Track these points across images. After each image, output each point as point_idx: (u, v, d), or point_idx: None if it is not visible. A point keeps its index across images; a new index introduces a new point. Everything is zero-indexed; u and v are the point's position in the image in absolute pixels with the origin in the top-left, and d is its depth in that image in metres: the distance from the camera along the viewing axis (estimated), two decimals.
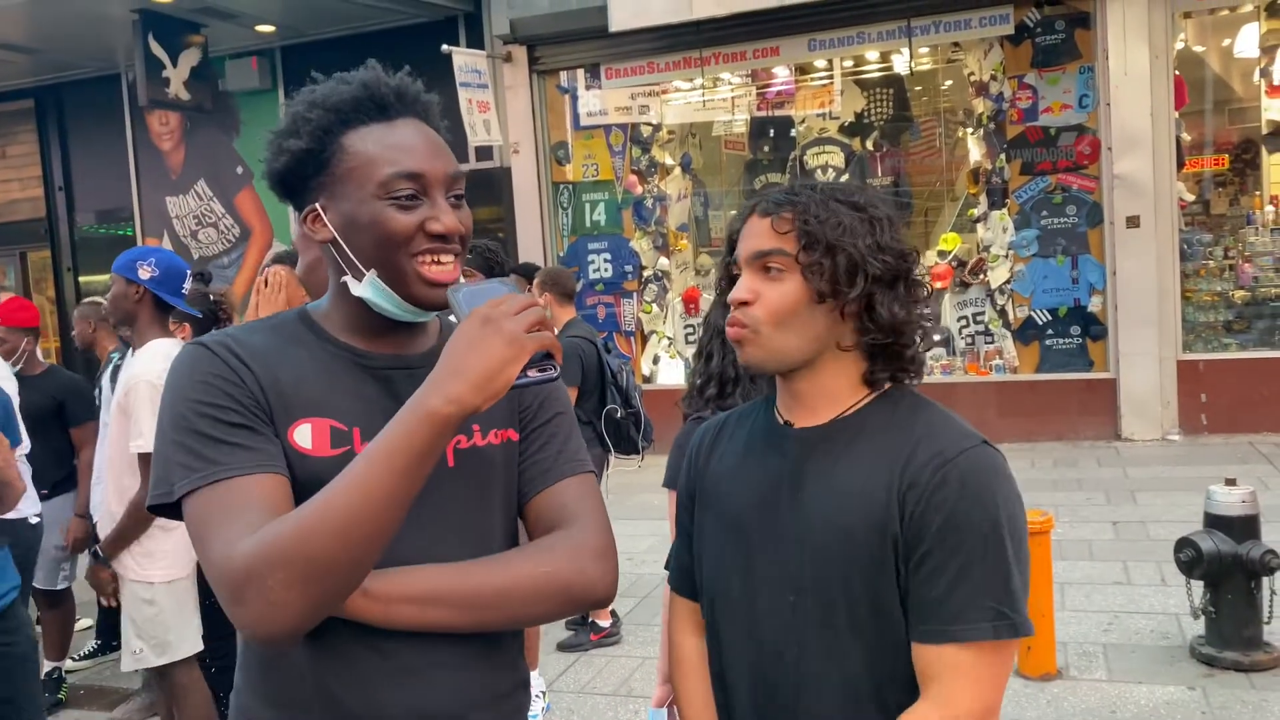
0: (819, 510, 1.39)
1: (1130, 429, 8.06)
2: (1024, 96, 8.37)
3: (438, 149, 1.33)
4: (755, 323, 1.40)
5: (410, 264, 1.29)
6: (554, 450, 1.42)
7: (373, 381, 1.34)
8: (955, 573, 1.31)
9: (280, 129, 1.34)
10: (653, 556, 5.94)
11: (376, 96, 1.32)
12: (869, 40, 8.70)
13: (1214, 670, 4.01)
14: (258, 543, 1.14)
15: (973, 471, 1.34)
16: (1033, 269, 8.42)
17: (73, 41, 10.07)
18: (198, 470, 1.21)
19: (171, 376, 1.29)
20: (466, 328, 1.18)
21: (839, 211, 1.38)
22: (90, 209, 11.74)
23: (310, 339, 1.35)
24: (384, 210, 1.28)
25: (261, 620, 1.13)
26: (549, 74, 9.62)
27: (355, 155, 1.30)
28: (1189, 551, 4.03)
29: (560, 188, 9.75)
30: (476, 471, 1.36)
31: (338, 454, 1.27)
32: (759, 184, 9.61)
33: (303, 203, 1.35)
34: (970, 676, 1.31)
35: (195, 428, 1.23)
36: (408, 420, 1.16)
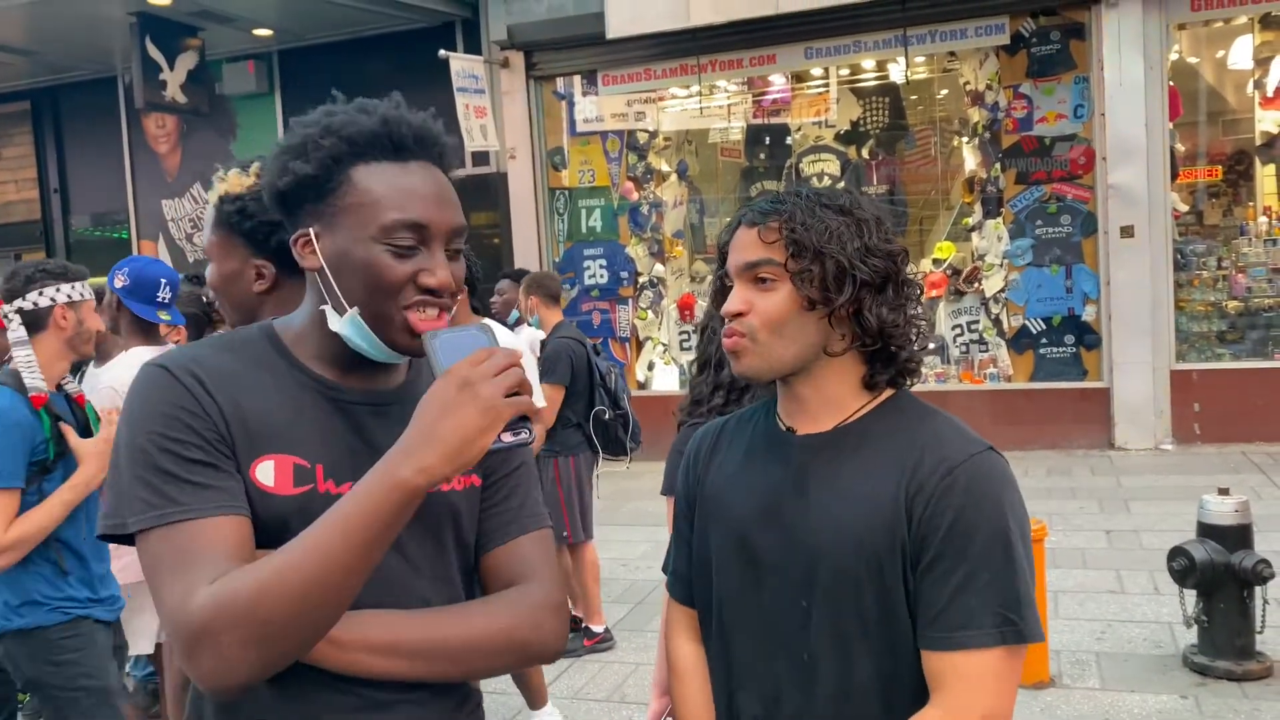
0: (826, 517, 1.39)
1: (1124, 438, 8.08)
2: (1019, 106, 8.40)
3: (446, 199, 1.30)
4: (752, 332, 1.40)
5: (396, 312, 1.26)
6: (516, 503, 1.40)
7: (340, 416, 1.29)
8: (962, 579, 1.31)
9: (287, 145, 1.29)
10: (646, 563, 5.94)
11: (395, 135, 1.28)
12: (865, 49, 8.73)
13: (1206, 679, 4.02)
14: (213, 599, 1.11)
15: (979, 478, 1.35)
16: (1027, 278, 8.45)
17: (70, 44, 10.07)
18: (155, 508, 1.17)
19: (131, 401, 1.23)
20: (442, 390, 1.15)
21: (825, 217, 1.39)
22: (86, 211, 11.73)
23: (279, 364, 1.30)
24: (380, 255, 1.24)
25: (213, 675, 1.12)
26: (546, 80, 9.64)
27: (362, 192, 1.26)
28: (1182, 560, 4.04)
29: (556, 193, 9.77)
30: (440, 517, 1.33)
31: (301, 492, 1.24)
32: (755, 191, 9.63)
33: (294, 223, 1.31)
34: (979, 683, 1.31)
35: (155, 463, 1.18)
36: (375, 489, 1.13)
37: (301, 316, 1.35)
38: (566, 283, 9.72)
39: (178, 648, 1.13)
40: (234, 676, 1.12)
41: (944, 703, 1.32)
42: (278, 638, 1.12)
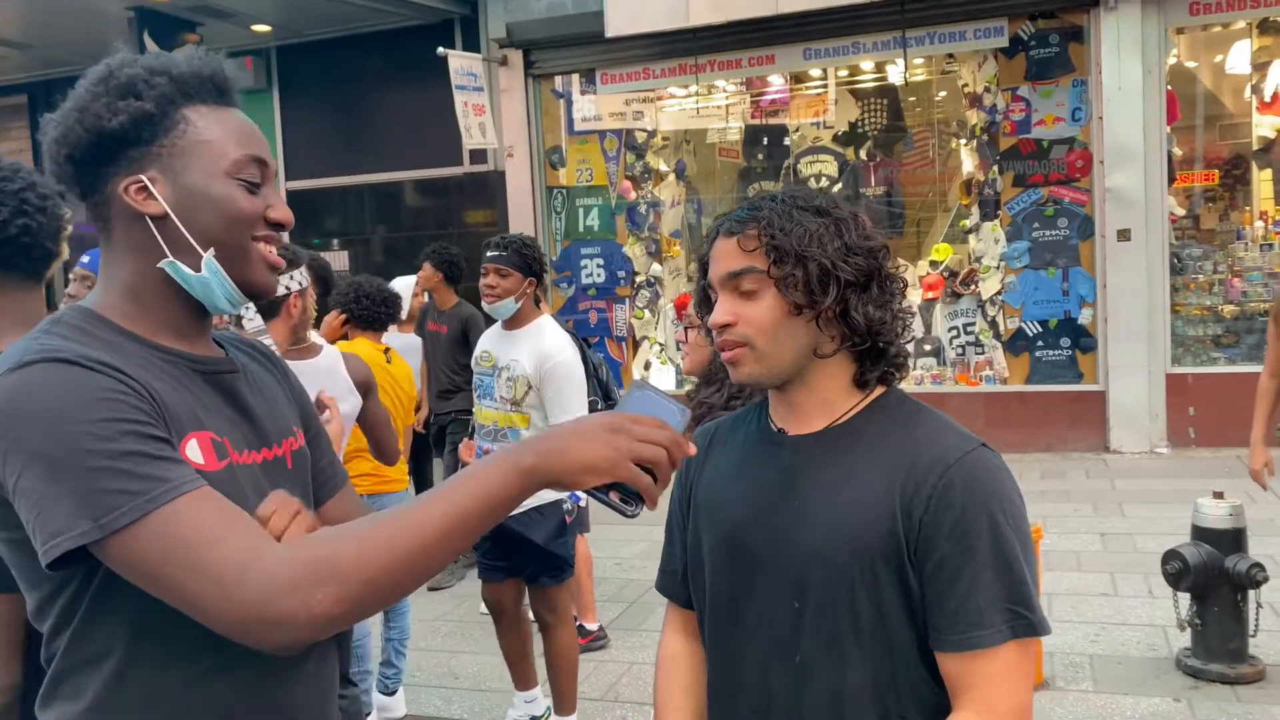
0: (818, 518, 1.39)
1: (1119, 441, 8.10)
2: (1017, 109, 8.41)
3: (267, 142, 1.33)
4: (749, 340, 1.40)
5: (253, 246, 1.26)
6: (332, 456, 1.50)
7: (211, 387, 1.28)
8: (970, 579, 1.32)
9: (107, 88, 1.22)
10: (641, 563, 5.94)
11: (219, 79, 1.28)
12: (864, 50, 8.73)
13: (1199, 682, 4.03)
14: (306, 554, 1.10)
15: (975, 475, 1.35)
16: (1024, 281, 8.46)
17: (67, 37, 10.04)
18: (142, 494, 1.07)
19: (41, 400, 1.09)
20: (597, 419, 1.18)
21: (803, 220, 1.39)
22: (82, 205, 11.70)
23: (132, 346, 1.22)
24: (234, 189, 1.24)
25: (290, 627, 1.08)
26: (544, 78, 9.63)
27: (203, 130, 1.24)
28: (1176, 564, 4.05)
29: (554, 192, 9.76)
30: (305, 470, 1.40)
31: (224, 466, 1.22)
32: (752, 191, 9.63)
33: (107, 173, 1.23)
34: (1002, 680, 1.32)
35: (123, 448, 1.08)
36: (499, 471, 1.15)
37: (122, 290, 1.26)
38: (564, 281, 9.72)
39: (249, 602, 1.07)
40: (314, 633, 1.09)
41: (973, 705, 1.33)
42: (377, 599, 1.12)
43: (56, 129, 1.24)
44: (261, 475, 1.28)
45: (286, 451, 1.35)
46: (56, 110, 1.26)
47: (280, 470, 1.32)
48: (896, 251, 9.24)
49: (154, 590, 1.10)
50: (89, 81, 1.24)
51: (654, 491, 1.16)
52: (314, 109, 10.37)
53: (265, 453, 1.31)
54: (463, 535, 1.14)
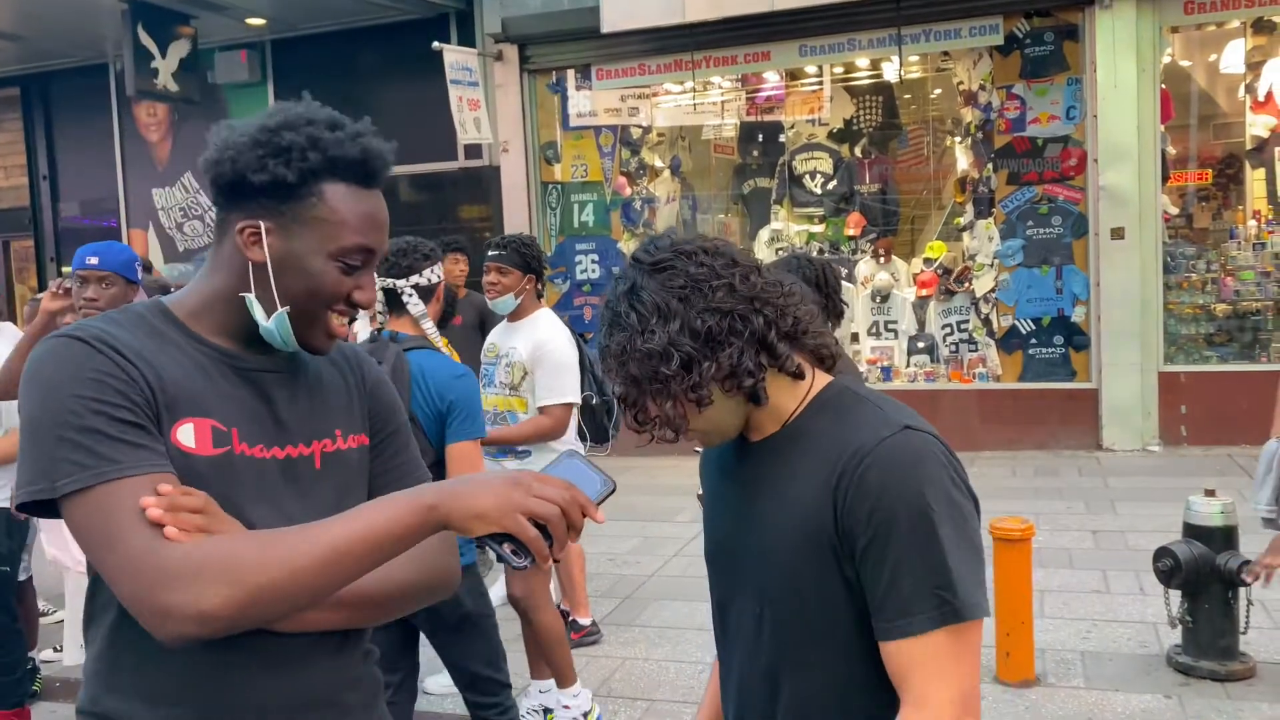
0: (771, 521, 1.42)
1: (1111, 439, 8.12)
2: (1012, 107, 8.42)
3: (387, 226, 1.41)
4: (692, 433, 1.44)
5: (325, 316, 1.38)
6: (409, 456, 1.54)
7: (245, 384, 1.37)
8: (892, 566, 1.31)
9: (267, 142, 1.32)
10: (635, 558, 5.95)
11: (371, 165, 1.36)
12: (859, 47, 8.74)
13: (1190, 679, 4.04)
14: (205, 553, 1.18)
15: (891, 460, 1.33)
16: (1017, 278, 8.47)
17: (61, 29, 10.00)
18: (90, 467, 1.19)
19: (48, 369, 1.25)
20: (504, 473, 1.25)
21: (647, 342, 1.37)
22: (75, 199, 11.67)
23: (179, 338, 1.36)
24: (331, 270, 1.35)
25: (178, 621, 1.16)
26: (540, 73, 9.62)
27: (330, 210, 1.34)
28: (1167, 561, 4.06)
29: (549, 188, 9.76)
30: (342, 474, 1.44)
31: (220, 453, 1.31)
32: (747, 188, 9.66)
33: (236, 208, 1.35)
34: (934, 668, 1.30)
35: (88, 424, 1.21)
36: (402, 502, 1.23)
37: (200, 294, 1.40)
38: (558, 277, 9.71)
39: (145, 588, 1.16)
40: (201, 627, 1.17)
41: (909, 697, 1.31)
42: (267, 605, 1.19)
43: (215, 151, 1.35)
44: (275, 471, 1.36)
45: (317, 452, 1.42)
46: (231, 128, 1.36)
47: (305, 469, 1.40)
48: (891, 249, 9.29)
49: (87, 553, 1.24)
50: (257, 127, 1.34)
51: (539, 546, 1.19)
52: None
53: (290, 450, 1.39)
54: (358, 559, 1.21)
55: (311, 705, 1.38)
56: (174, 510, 1.20)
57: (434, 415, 2.94)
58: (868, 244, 9.30)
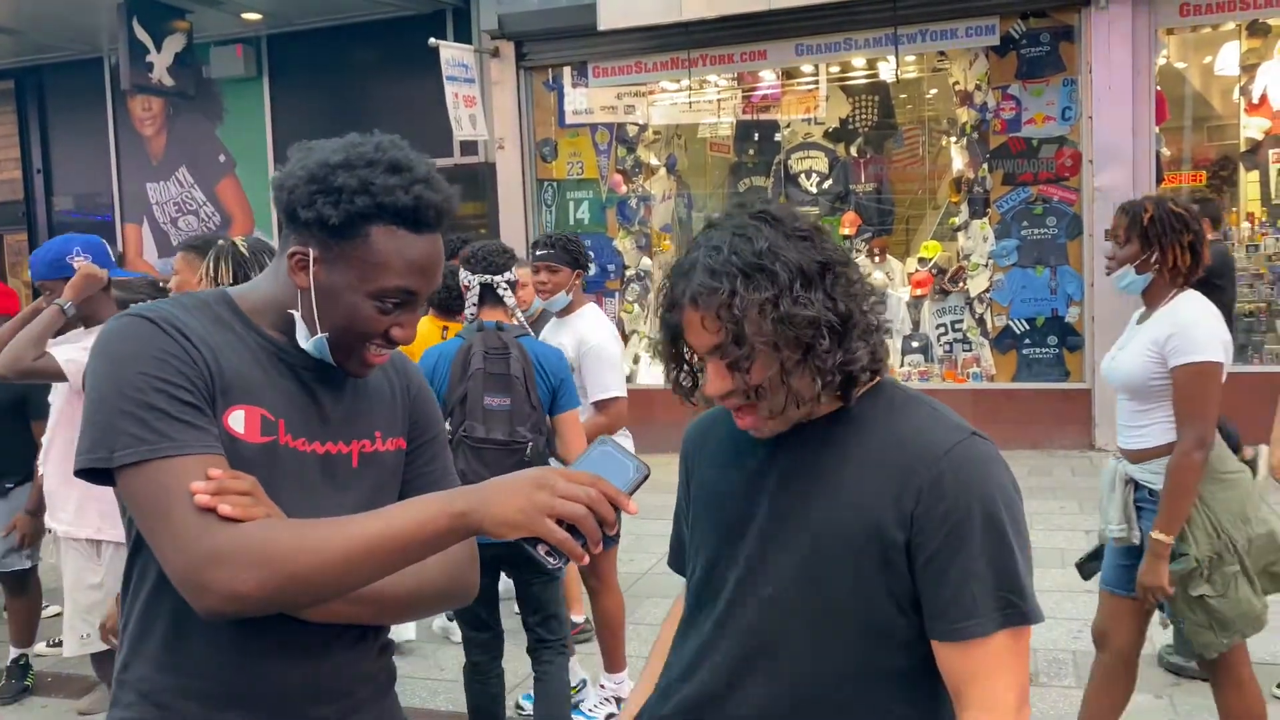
0: (804, 507, 1.40)
1: (1104, 439, 8.14)
2: (1007, 107, 8.43)
3: (438, 269, 1.41)
4: (758, 396, 1.36)
5: (361, 347, 1.41)
6: (441, 465, 1.58)
7: (294, 379, 1.42)
8: (962, 570, 1.33)
9: (321, 179, 1.34)
10: (629, 555, 5.95)
11: (422, 213, 1.36)
12: (855, 47, 8.74)
13: (1181, 679, 4.06)
14: (246, 534, 1.22)
15: (967, 464, 1.35)
16: (1012, 279, 8.49)
17: (56, 23, 9.98)
18: (148, 442, 1.25)
19: (116, 344, 1.31)
20: (529, 473, 1.24)
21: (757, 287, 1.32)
22: (69, 193, 11.64)
23: (238, 326, 1.41)
24: (369, 308, 1.37)
25: (219, 599, 1.22)
26: (536, 70, 9.62)
27: (375, 252, 1.35)
28: None
29: (545, 185, 9.75)
30: (377, 475, 1.48)
31: (266, 442, 1.36)
32: (743, 187, 9.65)
33: (294, 233, 1.39)
34: (1001, 668, 1.34)
35: (149, 400, 1.26)
36: (431, 507, 1.25)
37: (263, 293, 1.45)
38: None
39: (187, 564, 1.22)
40: (233, 605, 1.22)
41: (977, 700, 1.34)
42: (297, 592, 1.25)
43: (280, 178, 1.39)
44: (315, 466, 1.41)
45: (355, 451, 1.45)
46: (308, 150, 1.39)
47: (342, 467, 1.44)
48: (886, 248, 9.30)
49: (138, 525, 1.30)
50: (318, 161, 1.36)
51: (572, 548, 1.20)
52: (304, 98, 10.32)
53: (330, 446, 1.43)
54: (387, 557, 1.24)
55: (326, 694, 1.42)
56: (222, 493, 1.24)
57: (548, 391, 3.38)
58: (863, 243, 9.31)
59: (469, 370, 3.25)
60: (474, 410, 3.23)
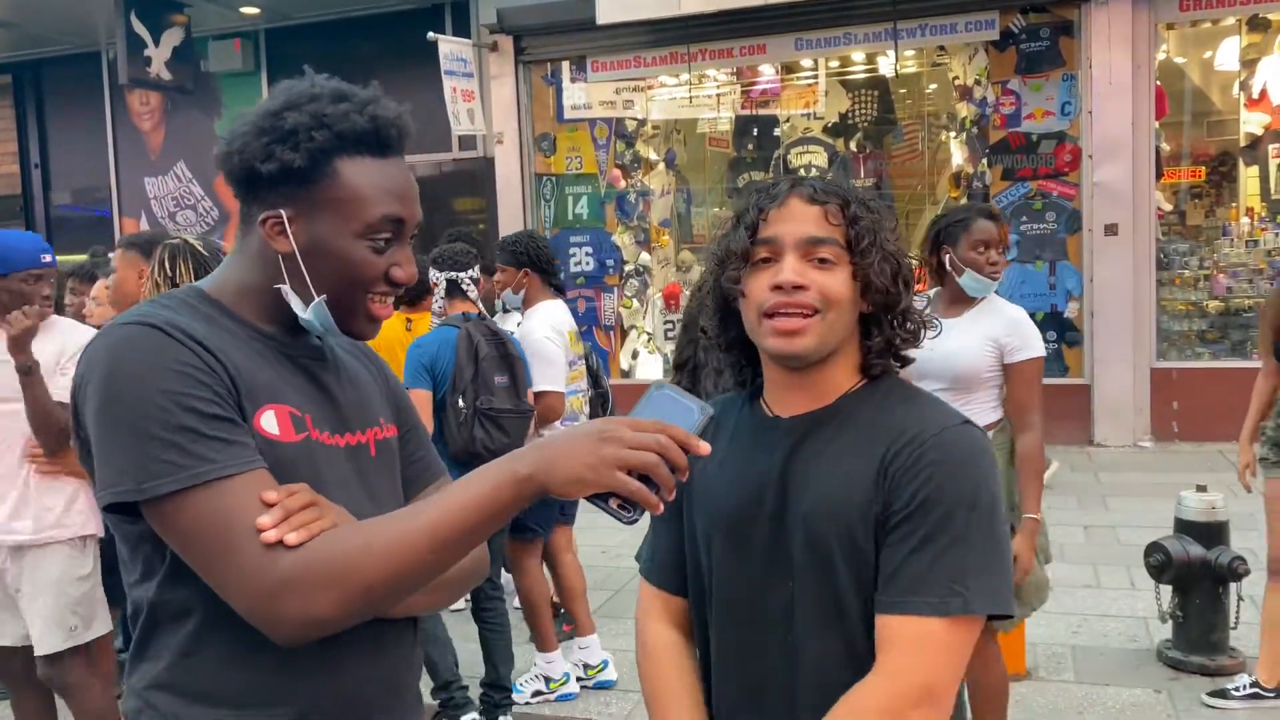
0: (810, 497, 1.39)
1: (1103, 435, 8.14)
2: (1007, 102, 8.42)
3: (415, 193, 1.34)
4: (822, 308, 1.37)
5: (364, 301, 1.32)
6: (431, 452, 1.54)
7: (298, 370, 1.34)
8: (915, 545, 1.31)
9: (272, 128, 1.27)
10: (627, 551, 5.94)
11: (384, 133, 1.30)
12: (855, 41, 8.73)
13: (1180, 674, 4.06)
14: (316, 556, 1.15)
15: (950, 447, 1.34)
16: (1011, 274, 8.47)
17: (53, 17, 9.96)
18: (187, 468, 1.14)
19: (124, 361, 1.19)
20: (589, 426, 1.18)
21: (878, 208, 1.43)
22: (67, 188, 11.61)
23: (230, 324, 1.31)
24: (361, 250, 1.29)
25: (296, 626, 1.15)
26: (535, 65, 9.60)
27: (347, 187, 1.28)
28: (1158, 556, 4.07)
29: (543, 180, 9.73)
30: (390, 460, 1.43)
31: (300, 439, 1.28)
32: (742, 182, 9.63)
33: (258, 201, 1.30)
34: (920, 650, 1.29)
35: (178, 421, 1.15)
36: (496, 479, 1.17)
37: (237, 281, 1.35)
38: None
39: (258, 595, 1.14)
40: (314, 632, 1.16)
41: (883, 668, 1.31)
42: (375, 603, 1.17)
43: (225, 145, 1.30)
44: (344, 459, 1.34)
45: (370, 440, 1.39)
46: (240, 118, 1.31)
47: (364, 457, 1.37)
48: None
49: (184, 557, 1.18)
50: (260, 113, 1.29)
51: (647, 497, 1.14)
52: None
53: (350, 437, 1.36)
54: (462, 541, 1.17)
55: (393, 691, 1.38)
56: (286, 515, 1.16)
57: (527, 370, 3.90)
58: None
59: (479, 353, 3.71)
60: (487, 386, 3.70)
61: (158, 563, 1.25)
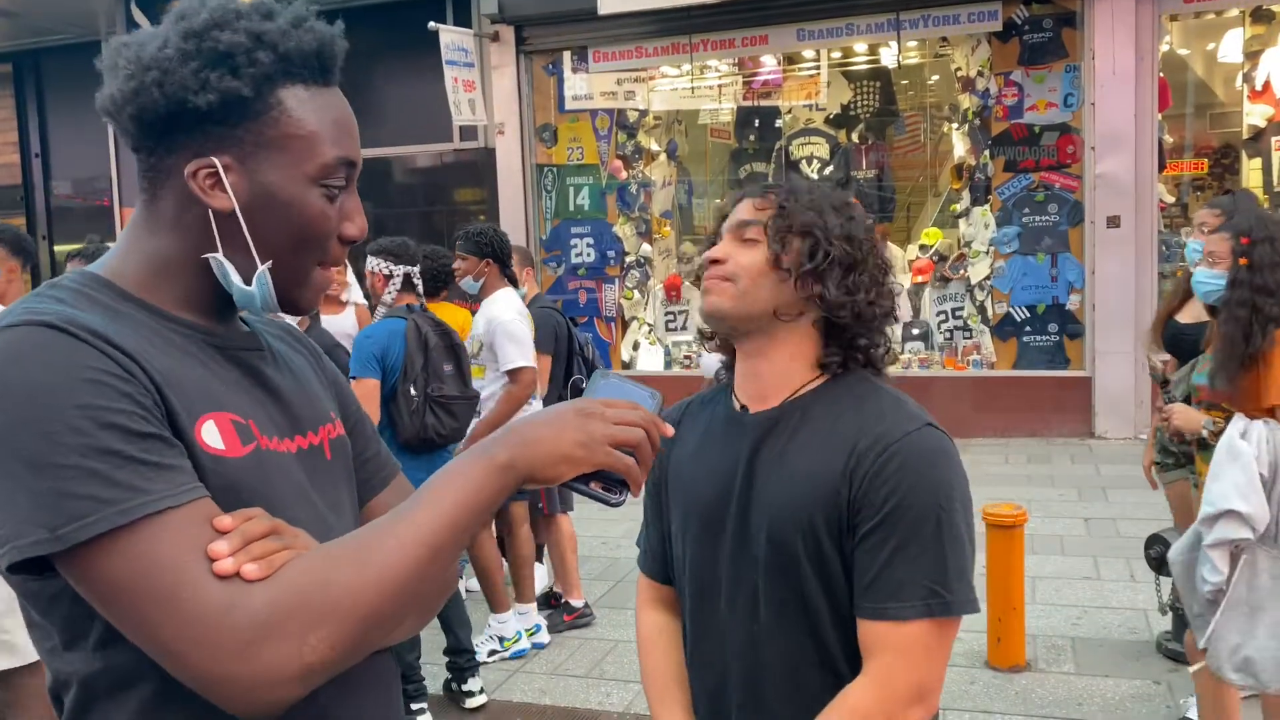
0: (773, 494, 1.43)
1: (1104, 427, 8.14)
2: (1010, 93, 8.40)
3: (357, 132, 1.13)
4: (734, 276, 1.49)
5: (314, 269, 1.11)
6: (380, 447, 1.33)
7: (235, 366, 1.11)
8: (893, 551, 1.35)
9: (197, 51, 1.02)
10: (627, 542, 5.95)
11: (327, 55, 1.09)
12: (857, 32, 8.71)
13: (1179, 666, 4.06)
14: (290, 587, 0.92)
15: (916, 453, 1.38)
16: (1013, 266, 8.47)
17: (53, 5, 9.93)
18: (114, 503, 0.89)
19: (24, 374, 0.92)
20: (565, 407, 1.09)
21: (818, 199, 1.49)
22: (67, 177, 11.60)
23: (140, 314, 1.05)
24: (316, 199, 1.07)
25: (276, 684, 0.91)
26: (536, 55, 9.57)
27: (297, 122, 1.06)
28: (1159, 548, 4.06)
29: (544, 170, 9.72)
30: (346, 462, 1.23)
31: (249, 451, 1.05)
32: (744, 173, 9.62)
33: (175, 148, 1.06)
34: (906, 654, 1.34)
35: (97, 443, 0.90)
36: (477, 471, 1.03)
37: (146, 258, 1.09)
38: (553, 260, 9.69)
39: (221, 656, 0.89)
40: (304, 684, 0.93)
41: (872, 673, 1.35)
42: (374, 636, 0.97)
43: (129, 80, 1.04)
44: (296, 466, 1.12)
45: (324, 440, 1.19)
46: (129, 45, 1.06)
47: (318, 461, 1.16)
48: (886, 235, 9.28)
49: (116, 621, 0.92)
50: (179, 32, 1.03)
51: (637, 474, 1.08)
52: None
53: (300, 440, 1.14)
54: (454, 545, 1.02)
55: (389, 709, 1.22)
56: (246, 545, 0.94)
57: None
58: None
59: (429, 343, 3.91)
60: (437, 374, 3.90)
61: (85, 624, 0.98)
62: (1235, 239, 3.05)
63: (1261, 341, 2.93)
